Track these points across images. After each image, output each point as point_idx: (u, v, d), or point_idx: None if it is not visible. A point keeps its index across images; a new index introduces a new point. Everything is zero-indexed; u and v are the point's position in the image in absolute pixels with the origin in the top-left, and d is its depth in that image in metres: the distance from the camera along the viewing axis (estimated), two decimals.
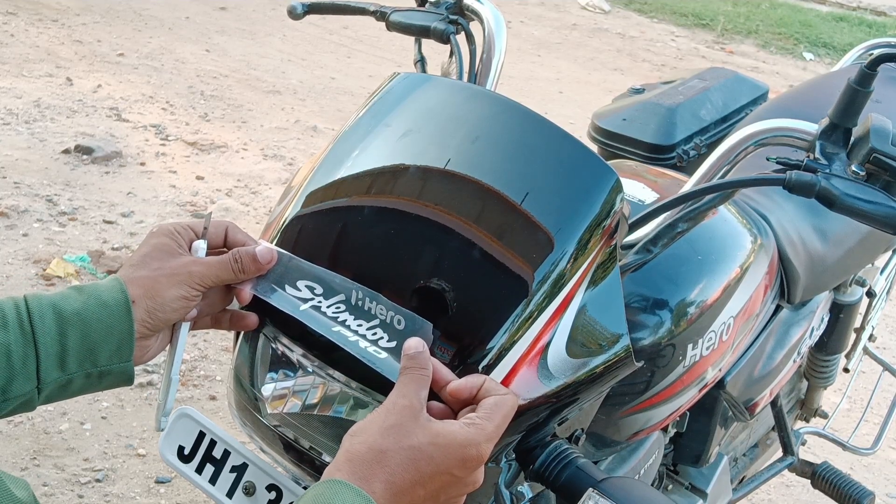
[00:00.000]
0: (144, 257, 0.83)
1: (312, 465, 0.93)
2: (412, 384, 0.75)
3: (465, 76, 1.27)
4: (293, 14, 1.40)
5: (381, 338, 0.82)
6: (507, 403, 0.76)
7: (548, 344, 0.85)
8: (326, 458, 0.91)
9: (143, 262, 0.83)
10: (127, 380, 0.82)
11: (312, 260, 0.88)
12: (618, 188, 0.90)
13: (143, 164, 3.67)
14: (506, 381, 0.83)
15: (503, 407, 0.75)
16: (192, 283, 0.82)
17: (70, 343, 0.77)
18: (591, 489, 0.87)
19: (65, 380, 0.77)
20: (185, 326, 0.88)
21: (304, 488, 1.00)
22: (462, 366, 0.82)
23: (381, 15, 1.36)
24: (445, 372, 0.79)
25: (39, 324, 0.76)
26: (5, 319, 0.75)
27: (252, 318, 0.90)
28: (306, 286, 0.86)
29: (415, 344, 0.78)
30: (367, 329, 0.83)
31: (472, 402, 0.77)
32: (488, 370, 0.82)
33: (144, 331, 0.81)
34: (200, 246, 0.86)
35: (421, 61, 1.36)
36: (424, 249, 0.86)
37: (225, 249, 0.89)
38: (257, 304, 0.90)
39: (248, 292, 0.87)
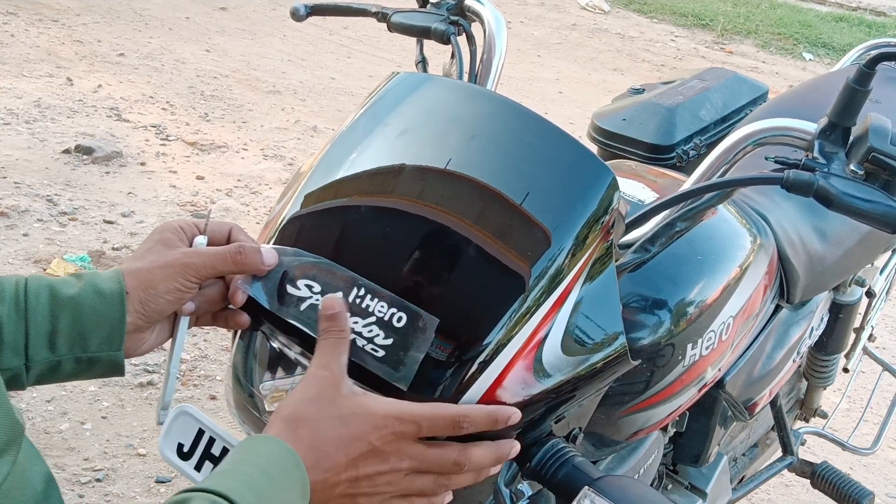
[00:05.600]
0: (145, 252, 0.85)
1: None
2: (331, 350, 0.77)
3: (466, 76, 1.27)
4: (296, 16, 1.40)
5: (377, 335, 0.83)
6: (449, 408, 0.78)
7: (543, 340, 0.86)
8: None
9: (142, 256, 0.84)
10: (117, 369, 0.83)
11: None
12: (614, 186, 0.91)
13: (143, 164, 3.67)
14: (501, 377, 0.83)
15: (442, 407, 0.78)
16: (187, 275, 0.83)
17: (61, 325, 0.78)
18: (586, 487, 0.87)
19: (54, 361, 0.79)
20: (185, 321, 0.88)
21: None
22: (458, 362, 0.83)
23: (382, 16, 1.36)
24: None
25: (34, 301, 0.77)
26: (3, 293, 0.77)
27: (245, 318, 0.90)
28: (305, 285, 0.87)
29: (331, 304, 0.80)
30: (363, 327, 0.83)
31: None
32: (484, 366, 0.83)
33: (138, 322, 0.82)
34: (201, 241, 0.87)
35: (422, 62, 1.36)
36: (421, 247, 0.87)
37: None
38: (255, 303, 0.90)
39: (241, 296, 0.87)
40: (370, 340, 0.83)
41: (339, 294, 0.82)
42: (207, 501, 0.63)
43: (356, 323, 0.83)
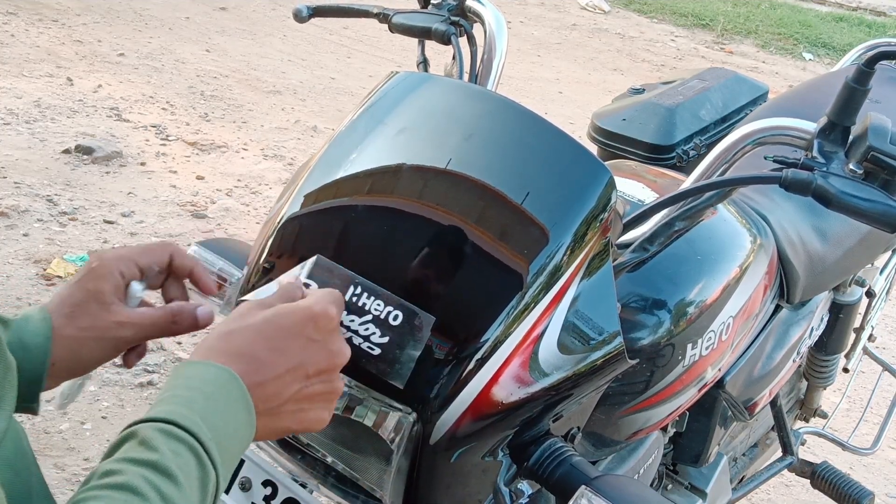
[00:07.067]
0: (76, 307, 0.78)
1: (309, 461, 0.93)
2: (271, 298, 0.75)
3: (466, 77, 1.28)
4: (298, 17, 1.40)
5: (374, 333, 0.83)
6: (334, 291, 0.76)
7: (541, 337, 0.86)
8: (323, 454, 0.91)
9: (73, 315, 0.78)
10: (32, 413, 0.79)
11: (309, 257, 0.89)
12: (612, 185, 0.91)
13: (143, 164, 3.67)
14: (498, 374, 0.84)
15: (332, 290, 0.76)
16: (119, 346, 0.80)
17: None
18: (583, 486, 0.87)
19: None
20: None
21: (302, 485, 1.01)
22: (455, 359, 0.83)
23: (384, 17, 1.36)
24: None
25: None
26: None
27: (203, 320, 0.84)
28: (302, 283, 0.87)
29: (289, 276, 0.80)
30: (360, 325, 0.83)
31: None
32: (481, 363, 0.83)
33: (58, 381, 0.79)
34: (138, 289, 0.81)
35: (424, 63, 1.36)
36: (419, 246, 0.87)
37: (165, 272, 0.85)
38: None
39: (209, 316, 0.83)
40: (366, 339, 0.83)
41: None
42: (153, 430, 0.61)
43: (353, 321, 0.83)
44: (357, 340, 0.83)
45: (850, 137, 0.98)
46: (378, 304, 0.83)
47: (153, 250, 0.84)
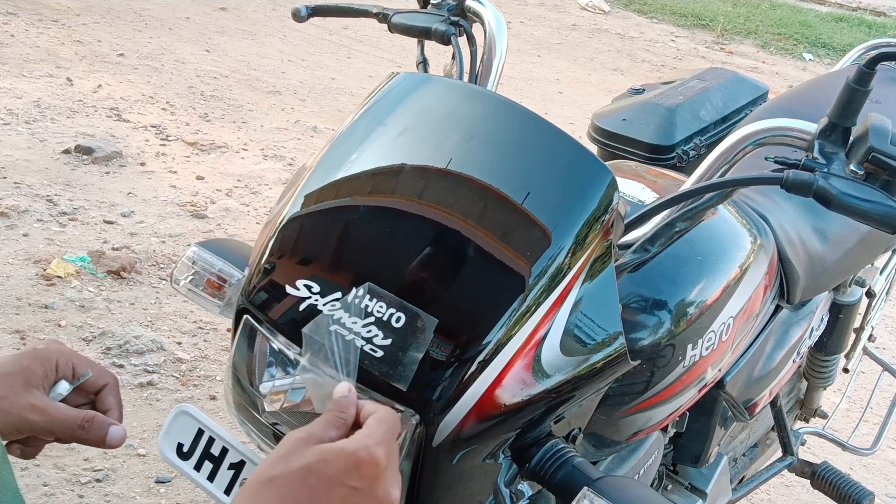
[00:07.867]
0: (3, 375, 0.79)
1: None
2: (322, 421, 0.73)
3: (466, 77, 1.28)
4: (298, 17, 1.40)
5: (376, 335, 0.83)
6: (388, 416, 0.74)
7: (543, 339, 0.86)
8: None
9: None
10: None
11: (310, 258, 0.89)
12: (614, 186, 0.91)
13: (143, 164, 3.67)
14: (501, 377, 0.84)
15: (386, 417, 0.73)
16: (22, 429, 0.80)
17: None
18: (585, 488, 0.88)
19: None
20: None
21: None
22: (458, 362, 0.83)
23: (383, 17, 1.36)
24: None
25: None
26: None
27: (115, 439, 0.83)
28: (304, 285, 0.87)
29: (342, 389, 0.76)
30: (363, 327, 0.83)
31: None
32: (484, 365, 0.83)
33: None
34: (63, 388, 0.82)
35: (423, 63, 1.36)
36: (421, 246, 0.87)
37: (93, 397, 0.86)
38: (254, 303, 0.90)
39: (120, 438, 0.83)
40: (369, 341, 0.83)
41: (349, 385, 0.77)
42: None
43: (355, 324, 0.83)
44: (359, 343, 0.83)
45: (851, 138, 0.98)
46: (380, 306, 0.83)
47: (95, 367, 0.85)
